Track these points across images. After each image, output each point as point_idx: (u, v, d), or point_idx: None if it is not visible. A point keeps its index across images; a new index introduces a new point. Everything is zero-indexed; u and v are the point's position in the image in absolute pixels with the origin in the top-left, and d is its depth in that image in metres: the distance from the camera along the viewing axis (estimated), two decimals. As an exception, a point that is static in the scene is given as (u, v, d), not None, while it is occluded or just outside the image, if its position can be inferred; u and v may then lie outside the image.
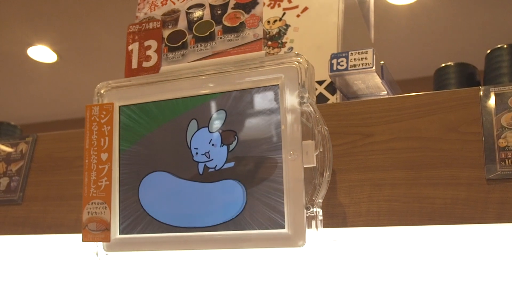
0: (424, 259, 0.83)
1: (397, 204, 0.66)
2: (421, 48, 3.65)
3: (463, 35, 3.45)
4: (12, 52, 3.85)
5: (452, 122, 0.67)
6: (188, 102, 0.71)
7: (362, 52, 0.77)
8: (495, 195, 0.62)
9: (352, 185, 0.69)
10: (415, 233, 0.72)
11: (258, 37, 0.71)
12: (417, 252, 0.83)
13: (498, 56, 0.95)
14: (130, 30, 0.79)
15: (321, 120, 0.64)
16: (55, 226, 0.87)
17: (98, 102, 0.76)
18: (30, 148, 0.96)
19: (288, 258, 0.75)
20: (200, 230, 0.67)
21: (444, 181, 0.65)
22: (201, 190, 0.68)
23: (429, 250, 0.82)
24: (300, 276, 0.86)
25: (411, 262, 0.84)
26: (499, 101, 0.66)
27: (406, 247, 0.82)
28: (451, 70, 1.04)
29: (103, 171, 0.73)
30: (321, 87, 0.87)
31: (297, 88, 0.65)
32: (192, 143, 0.69)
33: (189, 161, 0.69)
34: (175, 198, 0.69)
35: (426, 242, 0.79)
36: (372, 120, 0.71)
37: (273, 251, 0.64)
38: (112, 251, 0.73)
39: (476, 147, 0.65)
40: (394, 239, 0.79)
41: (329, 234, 0.73)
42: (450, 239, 0.77)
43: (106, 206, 0.72)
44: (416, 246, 0.82)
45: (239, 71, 0.69)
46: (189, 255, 0.69)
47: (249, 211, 0.65)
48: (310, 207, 0.62)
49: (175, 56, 0.75)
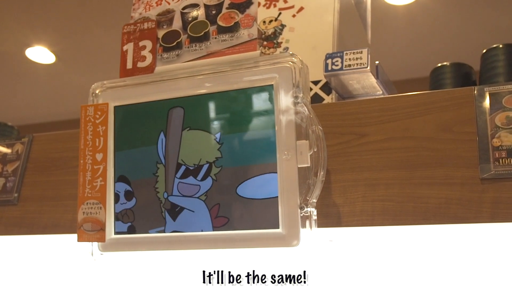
0: (419, 258, 0.83)
1: (392, 204, 0.66)
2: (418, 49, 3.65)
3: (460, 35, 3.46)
4: (10, 52, 3.85)
5: (446, 122, 0.68)
6: (182, 102, 0.71)
7: (357, 52, 0.77)
8: (489, 195, 0.62)
9: (346, 185, 0.69)
10: (409, 232, 0.72)
11: (253, 37, 0.71)
12: (411, 251, 0.83)
13: (493, 56, 0.95)
14: (125, 30, 0.79)
15: (315, 120, 0.64)
16: (51, 227, 0.87)
17: (93, 103, 0.76)
18: (26, 148, 0.96)
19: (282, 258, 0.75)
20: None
21: (438, 180, 0.65)
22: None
23: (424, 250, 0.82)
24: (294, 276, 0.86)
25: (405, 261, 0.84)
26: (494, 101, 0.67)
27: (400, 246, 0.83)
28: (447, 70, 1.04)
29: (98, 171, 0.73)
30: (316, 87, 0.87)
31: (292, 88, 0.65)
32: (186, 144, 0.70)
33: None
34: (169, 199, 0.70)
35: (421, 241, 0.80)
36: (366, 120, 0.71)
37: (267, 250, 0.64)
38: (107, 251, 0.73)
39: (470, 147, 0.65)
40: (389, 238, 0.79)
41: (324, 234, 0.73)
42: (444, 239, 0.77)
43: (101, 207, 0.72)
44: (410, 246, 0.82)
45: (234, 71, 0.69)
46: (183, 255, 0.69)
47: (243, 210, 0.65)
48: (304, 207, 0.62)
49: (170, 56, 0.75)
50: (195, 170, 0.69)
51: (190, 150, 0.69)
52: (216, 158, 0.67)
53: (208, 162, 0.68)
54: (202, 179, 0.68)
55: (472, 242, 0.77)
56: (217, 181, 0.67)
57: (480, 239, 0.76)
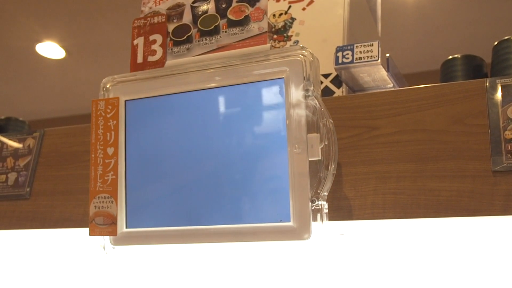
0: (430, 251, 0.83)
1: (403, 196, 0.66)
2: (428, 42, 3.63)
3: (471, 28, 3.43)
4: (21, 48, 3.86)
5: (458, 114, 0.67)
6: (193, 96, 0.71)
7: (367, 44, 0.77)
8: (501, 187, 0.62)
9: (357, 178, 0.69)
10: (420, 225, 0.71)
11: (263, 30, 0.71)
12: (422, 244, 0.83)
13: (505, 48, 0.94)
14: (135, 24, 0.79)
15: (326, 113, 0.64)
16: (62, 221, 0.88)
17: (104, 97, 0.76)
18: (38, 143, 0.97)
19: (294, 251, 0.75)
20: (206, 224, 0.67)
21: (450, 173, 0.65)
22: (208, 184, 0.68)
23: (435, 243, 0.82)
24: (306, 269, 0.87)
25: (416, 254, 0.84)
26: (506, 93, 0.66)
27: (411, 239, 0.82)
28: (458, 63, 1.03)
29: (109, 165, 0.73)
30: (327, 80, 0.87)
31: (302, 81, 0.65)
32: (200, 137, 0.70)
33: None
34: (180, 193, 0.70)
35: (432, 234, 0.79)
36: (377, 113, 0.71)
37: (279, 244, 0.64)
38: (119, 244, 0.73)
39: (482, 139, 0.65)
40: (400, 232, 0.79)
41: (335, 227, 0.73)
42: (455, 232, 0.76)
43: (112, 200, 0.72)
44: (421, 239, 0.82)
45: (244, 65, 0.69)
46: (195, 249, 0.69)
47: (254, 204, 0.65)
48: (315, 200, 0.62)
49: (180, 50, 0.75)
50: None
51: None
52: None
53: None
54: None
55: (484, 235, 0.77)
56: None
57: (492, 232, 0.75)
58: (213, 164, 0.68)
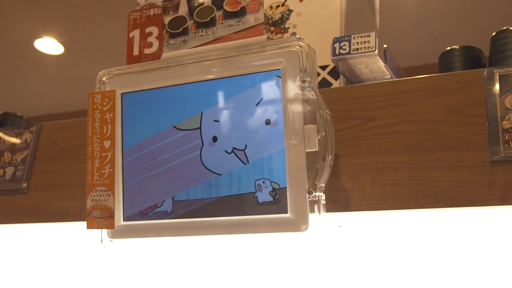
0: (428, 242, 0.83)
1: (401, 187, 0.66)
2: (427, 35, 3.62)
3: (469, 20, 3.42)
4: (19, 44, 3.85)
5: (455, 105, 0.67)
6: (190, 88, 0.71)
7: (364, 35, 0.77)
8: (499, 177, 0.62)
9: (355, 169, 0.69)
10: (418, 216, 0.71)
11: (259, 21, 0.71)
12: (420, 235, 0.83)
13: (503, 38, 0.94)
14: (131, 16, 0.78)
15: (323, 104, 0.63)
16: (60, 214, 0.88)
17: (100, 90, 0.75)
18: (35, 137, 0.96)
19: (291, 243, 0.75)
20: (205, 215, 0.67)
21: (447, 164, 0.65)
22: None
23: (433, 233, 0.82)
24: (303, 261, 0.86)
25: (414, 245, 0.84)
26: (503, 83, 0.66)
27: (409, 230, 0.82)
28: (456, 54, 1.03)
29: (106, 159, 0.73)
30: (324, 72, 0.87)
31: (299, 72, 0.65)
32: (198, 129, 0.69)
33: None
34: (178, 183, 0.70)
35: (430, 225, 0.79)
36: (374, 104, 0.71)
37: (276, 235, 0.64)
38: (117, 238, 0.73)
39: (480, 130, 0.65)
40: (398, 222, 0.78)
41: (333, 219, 0.73)
42: (453, 222, 0.76)
43: (109, 194, 0.72)
44: (419, 230, 0.81)
45: (241, 56, 0.69)
46: (192, 241, 0.69)
47: (251, 195, 0.65)
48: (312, 191, 0.62)
49: (176, 42, 0.75)
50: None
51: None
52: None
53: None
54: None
55: (482, 225, 0.77)
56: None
57: (490, 222, 0.75)
58: (210, 157, 0.68)
